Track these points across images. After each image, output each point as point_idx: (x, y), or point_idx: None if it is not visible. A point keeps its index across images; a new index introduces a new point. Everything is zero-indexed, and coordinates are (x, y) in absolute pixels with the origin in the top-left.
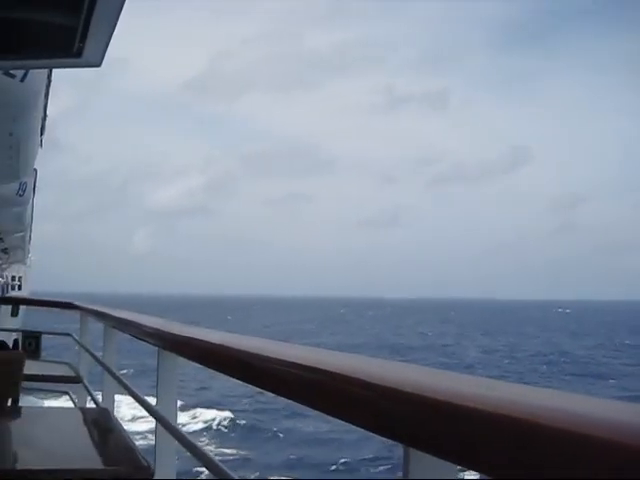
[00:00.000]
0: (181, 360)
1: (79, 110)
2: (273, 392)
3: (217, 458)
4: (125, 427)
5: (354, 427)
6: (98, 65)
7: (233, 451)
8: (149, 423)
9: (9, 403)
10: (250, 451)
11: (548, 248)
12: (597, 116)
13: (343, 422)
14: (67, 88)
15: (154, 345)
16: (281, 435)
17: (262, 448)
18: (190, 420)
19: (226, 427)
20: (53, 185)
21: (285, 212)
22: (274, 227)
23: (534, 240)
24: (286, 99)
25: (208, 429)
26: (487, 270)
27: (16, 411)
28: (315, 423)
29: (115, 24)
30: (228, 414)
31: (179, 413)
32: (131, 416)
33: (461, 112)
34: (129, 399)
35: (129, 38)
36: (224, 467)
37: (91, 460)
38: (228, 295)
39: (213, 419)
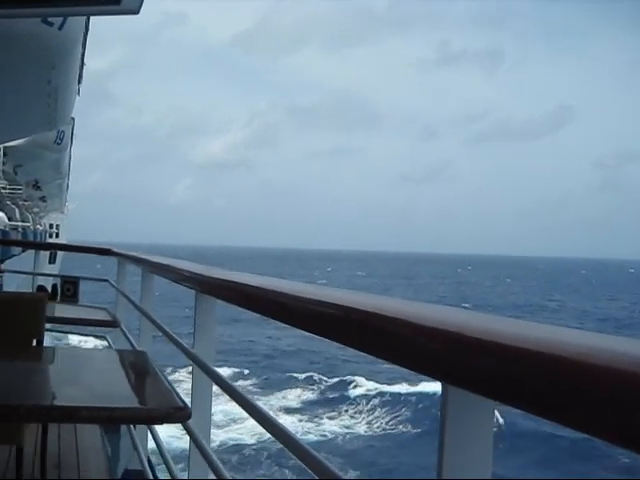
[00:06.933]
0: (219, 303)
1: (133, 63)
2: (312, 332)
3: (253, 399)
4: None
5: None
6: (136, 12)
7: None
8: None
9: (34, 344)
10: None
11: (592, 206)
12: None
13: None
14: (122, 42)
15: (192, 289)
16: None
17: None
18: None
19: None
20: (103, 136)
21: (329, 166)
22: (317, 181)
23: (578, 198)
24: (338, 54)
25: None
26: (528, 227)
27: (42, 351)
28: None
29: None
30: None
31: None
32: None
33: (509, 70)
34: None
35: None
36: (261, 407)
37: (129, 400)
38: (266, 247)
39: None
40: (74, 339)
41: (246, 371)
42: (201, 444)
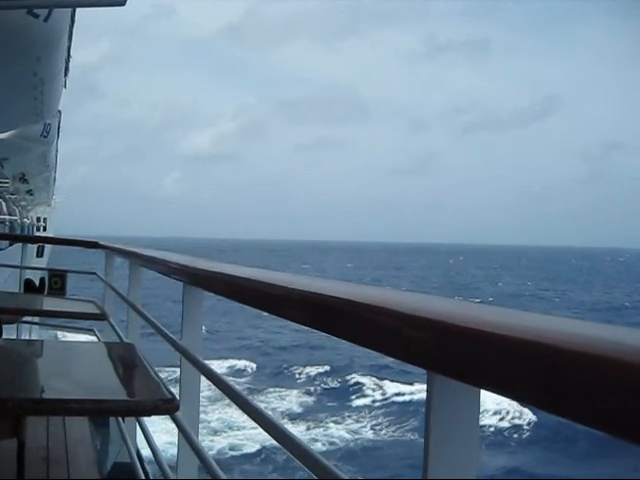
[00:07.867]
0: (206, 294)
1: (120, 57)
2: (299, 323)
3: (241, 390)
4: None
5: None
6: (122, 4)
7: None
8: None
9: None
10: None
11: (580, 196)
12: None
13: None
14: (109, 34)
15: (179, 280)
16: None
17: None
18: None
19: None
20: (89, 130)
21: (318, 158)
22: (307, 173)
23: (567, 187)
24: (326, 47)
25: None
26: (517, 217)
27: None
28: None
29: None
30: None
31: None
32: None
33: (497, 60)
34: None
35: None
36: (249, 399)
37: (117, 392)
38: (256, 240)
39: None
40: (62, 332)
41: (252, 365)
42: (189, 436)
